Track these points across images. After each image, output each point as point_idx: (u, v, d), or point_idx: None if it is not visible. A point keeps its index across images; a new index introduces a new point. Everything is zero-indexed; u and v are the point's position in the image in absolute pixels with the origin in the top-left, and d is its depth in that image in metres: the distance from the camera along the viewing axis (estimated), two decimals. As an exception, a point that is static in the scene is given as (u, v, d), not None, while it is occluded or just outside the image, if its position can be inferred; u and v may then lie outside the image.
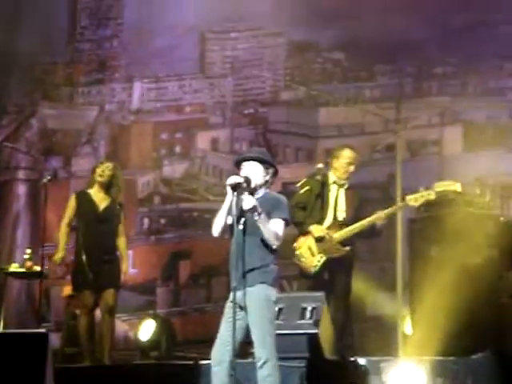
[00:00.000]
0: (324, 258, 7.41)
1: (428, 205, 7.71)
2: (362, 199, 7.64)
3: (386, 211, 7.42)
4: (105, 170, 7.88)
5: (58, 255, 7.83)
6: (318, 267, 7.41)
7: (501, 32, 8.92)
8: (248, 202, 5.61)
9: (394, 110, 9.35)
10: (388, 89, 9.60)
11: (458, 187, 7.78)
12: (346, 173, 7.58)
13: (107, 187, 7.87)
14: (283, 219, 5.74)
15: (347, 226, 7.41)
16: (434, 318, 6.90)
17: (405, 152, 9.15)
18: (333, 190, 7.55)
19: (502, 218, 7.80)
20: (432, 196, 7.48)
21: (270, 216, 5.69)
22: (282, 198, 5.84)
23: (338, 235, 7.41)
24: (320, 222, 7.47)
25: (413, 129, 9.20)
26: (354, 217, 7.44)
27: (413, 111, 9.32)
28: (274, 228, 5.67)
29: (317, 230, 7.41)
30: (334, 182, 7.59)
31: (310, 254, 7.44)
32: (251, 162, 5.84)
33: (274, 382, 5.58)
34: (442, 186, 7.80)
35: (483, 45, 8.93)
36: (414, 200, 7.46)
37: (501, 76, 9.17)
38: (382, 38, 9.25)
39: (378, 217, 7.36)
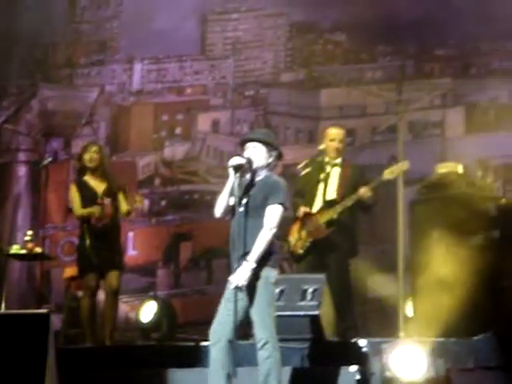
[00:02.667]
0: (310, 240, 7.45)
1: (429, 186, 7.72)
2: (360, 173, 7.63)
3: (369, 185, 7.42)
4: (92, 154, 7.82)
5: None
6: (304, 250, 7.45)
7: (503, 12, 8.87)
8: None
9: (395, 92, 9.32)
10: (390, 70, 9.57)
11: (459, 169, 7.78)
12: (334, 151, 7.61)
13: (100, 171, 7.83)
14: (279, 203, 5.73)
15: (338, 204, 7.44)
16: (435, 300, 6.90)
17: (406, 134, 9.13)
18: (326, 171, 7.58)
19: (503, 200, 7.79)
20: (405, 166, 7.51)
21: (267, 200, 5.69)
22: (281, 181, 5.82)
23: (325, 217, 7.44)
24: (311, 204, 7.53)
25: (415, 110, 9.17)
26: (351, 192, 7.46)
27: (415, 93, 9.29)
28: (267, 217, 5.66)
29: (301, 211, 7.46)
30: (328, 163, 7.61)
31: (297, 237, 7.48)
32: (254, 143, 5.83)
33: (275, 363, 5.60)
34: (443, 168, 7.81)
35: (485, 25, 8.89)
36: (390, 173, 7.49)
37: (504, 57, 9.13)
38: (384, 19, 9.21)
39: (365, 191, 7.36)
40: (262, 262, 5.66)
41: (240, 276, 5.56)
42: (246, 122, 10.00)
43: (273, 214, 5.69)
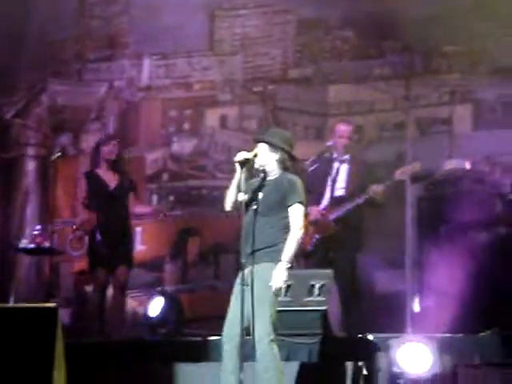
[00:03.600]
0: (317, 237, 7.47)
1: (437, 183, 7.72)
2: (368, 170, 7.65)
3: (381, 184, 7.43)
4: (113, 149, 7.89)
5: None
6: (312, 246, 7.47)
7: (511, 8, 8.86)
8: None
9: (403, 88, 9.32)
10: (398, 66, 9.56)
11: (467, 165, 7.79)
12: (342, 147, 7.63)
13: (116, 165, 7.90)
14: (299, 202, 5.79)
15: (346, 202, 7.45)
16: (442, 296, 6.91)
17: (414, 130, 9.12)
18: (334, 168, 7.59)
19: (510, 196, 7.79)
20: (417, 168, 7.52)
21: (285, 199, 5.74)
22: (297, 180, 5.88)
23: (334, 214, 7.46)
24: (319, 200, 7.54)
25: (422, 107, 9.16)
26: (360, 189, 7.47)
27: (423, 89, 9.29)
28: (292, 218, 5.74)
29: (312, 212, 7.46)
30: (336, 159, 7.63)
31: (305, 234, 7.50)
32: (260, 143, 5.90)
33: (272, 358, 5.61)
34: (451, 164, 7.81)
35: (493, 21, 8.87)
36: (401, 173, 7.50)
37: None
38: (392, 16, 9.20)
39: (377, 189, 7.38)
40: (269, 257, 5.69)
41: (278, 278, 5.62)
42: (255, 117, 10.00)
43: (297, 214, 5.78)
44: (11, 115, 10.57)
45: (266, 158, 5.87)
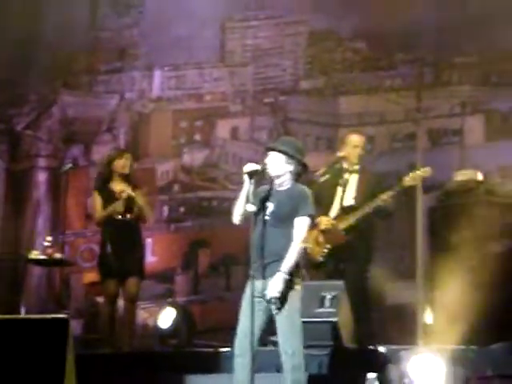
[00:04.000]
0: (329, 247, 7.46)
1: (448, 193, 7.71)
2: (378, 180, 7.64)
3: (389, 192, 7.42)
4: (126, 161, 7.92)
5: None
6: (324, 256, 7.46)
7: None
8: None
9: (414, 99, 9.32)
10: (409, 78, 9.56)
11: (478, 176, 7.77)
12: (354, 157, 7.63)
13: (128, 178, 7.93)
14: (309, 216, 5.78)
15: (355, 211, 7.45)
16: (453, 307, 6.88)
17: (425, 141, 9.12)
18: (344, 178, 7.59)
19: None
20: (427, 173, 7.49)
21: (296, 211, 5.72)
22: (307, 191, 5.86)
23: (344, 223, 7.45)
24: (329, 210, 7.54)
25: (434, 118, 9.15)
26: (369, 198, 7.46)
27: (434, 100, 9.28)
28: (297, 230, 5.72)
29: (322, 221, 7.45)
30: (346, 170, 7.63)
31: (316, 244, 7.50)
32: (274, 152, 5.87)
33: (302, 370, 5.61)
34: (463, 175, 7.79)
35: (505, 33, 8.87)
36: (412, 179, 7.48)
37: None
38: (403, 27, 9.20)
39: (386, 198, 7.37)
40: (291, 272, 5.68)
41: (273, 287, 5.60)
42: (265, 129, 10.01)
43: (302, 226, 5.75)
44: (22, 127, 10.61)
45: (281, 168, 5.84)
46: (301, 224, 5.74)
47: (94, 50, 10.68)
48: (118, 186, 7.90)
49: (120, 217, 7.75)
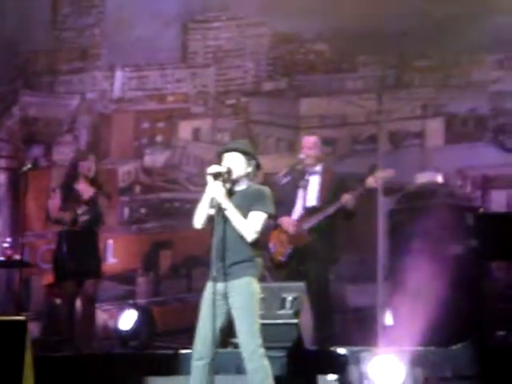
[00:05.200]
0: (292, 248, 7.48)
1: (409, 196, 7.76)
2: (340, 181, 7.67)
3: (352, 192, 7.45)
4: (91, 165, 7.91)
5: None
6: (286, 257, 7.48)
7: (484, 24, 8.92)
8: (214, 190, 5.59)
9: (376, 102, 9.36)
10: (370, 80, 9.60)
11: (439, 179, 7.82)
12: (310, 159, 7.65)
13: (93, 180, 7.91)
14: (264, 212, 5.73)
15: (318, 212, 7.47)
16: (414, 309, 6.92)
17: (387, 143, 9.16)
18: (304, 179, 7.61)
19: (481, 210, 7.84)
20: (390, 174, 7.53)
21: (251, 209, 5.69)
22: (266, 190, 5.83)
23: (306, 224, 7.47)
24: (291, 211, 7.55)
25: (395, 120, 9.20)
26: (332, 199, 7.48)
27: (395, 103, 9.33)
28: (250, 221, 5.66)
29: (284, 222, 7.45)
30: (306, 171, 7.66)
31: (279, 245, 7.51)
32: (233, 153, 5.83)
33: (266, 372, 5.60)
34: (423, 178, 7.85)
35: (466, 37, 8.94)
36: (374, 181, 7.51)
37: (483, 68, 9.18)
38: (365, 30, 9.24)
39: (349, 198, 7.40)
40: (247, 272, 5.66)
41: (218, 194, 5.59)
42: (227, 130, 10.00)
43: (256, 220, 5.67)
44: (-18, 127, 10.52)
45: (242, 169, 5.82)
46: (254, 217, 5.66)
47: (55, 49, 10.61)
48: (80, 187, 7.87)
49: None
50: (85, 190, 7.86)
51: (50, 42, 10.61)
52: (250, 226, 5.65)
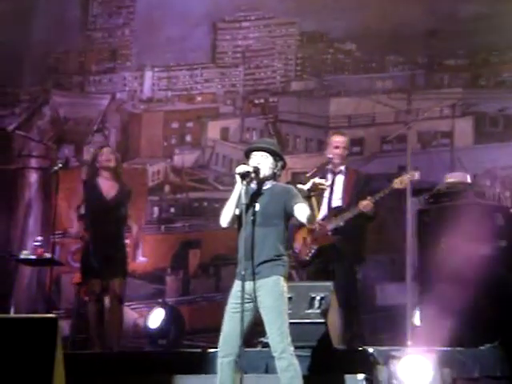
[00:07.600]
0: (316, 247, 7.48)
1: (438, 196, 7.72)
2: (367, 181, 7.66)
3: (372, 197, 7.43)
4: (109, 154, 7.93)
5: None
6: (310, 257, 7.48)
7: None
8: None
9: (405, 101, 9.34)
10: (399, 80, 9.59)
11: (468, 178, 7.79)
12: (338, 158, 7.63)
13: (115, 173, 7.91)
14: (304, 203, 5.76)
15: (344, 212, 7.46)
16: (442, 309, 6.90)
17: (415, 143, 9.13)
18: (329, 179, 7.61)
19: (511, 210, 7.79)
20: (415, 176, 7.50)
21: (287, 207, 5.72)
22: (290, 186, 5.89)
23: (331, 224, 7.47)
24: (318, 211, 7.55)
25: (424, 120, 9.18)
26: (358, 198, 7.47)
27: (424, 102, 9.30)
28: (304, 211, 5.71)
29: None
30: (332, 171, 7.65)
31: (303, 245, 7.51)
32: (261, 152, 5.85)
33: (296, 370, 5.60)
34: (452, 178, 7.82)
35: (495, 36, 8.90)
36: (400, 182, 7.48)
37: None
38: (394, 29, 9.24)
39: (366, 204, 7.39)
40: (276, 270, 5.68)
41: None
42: (256, 130, 10.02)
43: (305, 209, 5.71)
44: (14, 127, 10.60)
45: (270, 168, 5.84)
46: (302, 208, 5.71)
47: (86, 50, 10.69)
48: (103, 183, 7.89)
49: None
50: (107, 185, 7.86)
51: (80, 42, 10.70)
52: (309, 213, 5.69)
